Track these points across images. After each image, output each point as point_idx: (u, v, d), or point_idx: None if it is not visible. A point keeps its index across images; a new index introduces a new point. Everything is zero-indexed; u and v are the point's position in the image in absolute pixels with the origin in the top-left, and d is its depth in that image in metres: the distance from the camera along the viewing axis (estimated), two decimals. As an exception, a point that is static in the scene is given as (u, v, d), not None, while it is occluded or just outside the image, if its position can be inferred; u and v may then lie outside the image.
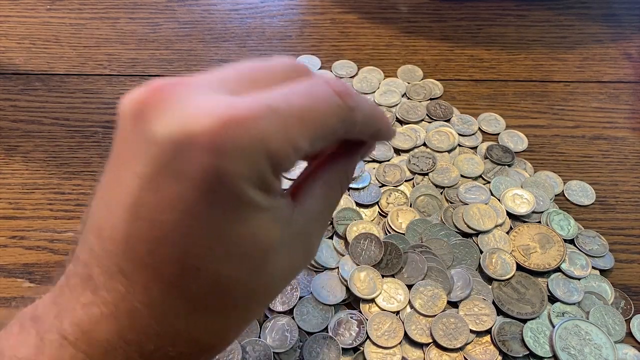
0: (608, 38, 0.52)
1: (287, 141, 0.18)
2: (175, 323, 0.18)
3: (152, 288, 0.18)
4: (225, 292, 0.19)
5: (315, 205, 0.22)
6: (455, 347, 0.31)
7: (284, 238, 0.19)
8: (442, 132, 0.43)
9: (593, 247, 0.36)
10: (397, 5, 0.56)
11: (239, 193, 0.17)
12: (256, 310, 0.21)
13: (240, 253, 0.18)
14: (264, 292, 0.20)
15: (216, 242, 0.18)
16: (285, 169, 0.18)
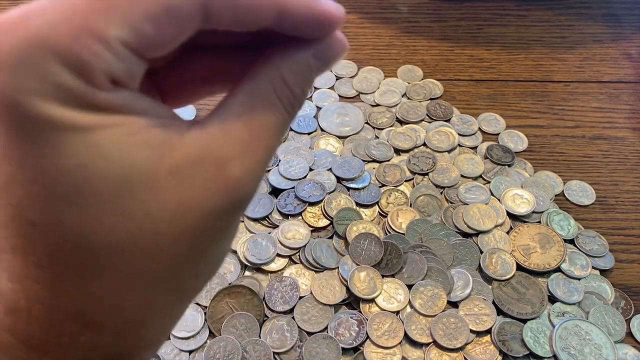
0: (608, 38, 0.52)
1: (80, 31, 0.13)
2: (41, 297, 0.15)
3: (9, 260, 0.15)
4: (81, 246, 0.14)
5: (228, 121, 0.16)
6: (455, 347, 0.31)
7: (162, 165, 0.15)
8: (442, 132, 0.43)
9: (593, 247, 0.36)
10: (397, 5, 0.56)
11: (34, 112, 0.13)
12: (153, 268, 0.15)
13: (75, 192, 0.14)
14: (153, 240, 0.15)
15: (34, 184, 0.14)
16: (107, 72, 0.14)
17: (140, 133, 0.14)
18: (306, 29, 0.17)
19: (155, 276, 0.16)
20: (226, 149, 0.16)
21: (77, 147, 0.14)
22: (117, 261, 0.15)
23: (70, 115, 0.13)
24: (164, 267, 0.16)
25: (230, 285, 0.33)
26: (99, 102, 0.14)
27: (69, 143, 0.13)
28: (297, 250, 0.35)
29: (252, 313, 0.32)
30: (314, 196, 0.38)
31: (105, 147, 0.14)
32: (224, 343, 0.31)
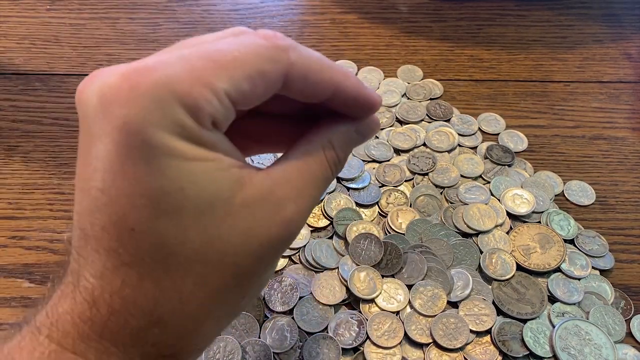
0: (608, 38, 0.52)
1: (197, 82, 0.17)
2: (123, 293, 0.18)
3: (96, 259, 0.18)
4: (166, 253, 0.18)
5: (287, 171, 0.20)
6: (455, 347, 0.31)
7: (236, 198, 0.18)
8: (442, 132, 0.43)
9: (593, 247, 0.36)
10: (397, 5, 0.56)
11: (153, 141, 0.16)
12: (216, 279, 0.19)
13: (172, 208, 0.17)
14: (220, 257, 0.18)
15: (142, 198, 0.17)
16: (212, 116, 0.17)
17: (225, 169, 0.18)
18: (353, 108, 0.22)
19: (215, 288, 0.19)
20: (284, 192, 0.20)
21: (180, 173, 0.17)
22: (190, 268, 0.18)
23: (180, 146, 0.17)
24: (224, 282, 0.19)
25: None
26: (202, 138, 0.17)
27: (175, 169, 0.17)
28: (297, 250, 0.35)
29: (252, 313, 0.32)
30: (313, 196, 0.38)
31: (199, 176, 0.17)
32: (223, 343, 0.31)
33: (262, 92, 0.19)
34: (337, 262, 0.35)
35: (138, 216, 0.17)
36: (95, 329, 0.18)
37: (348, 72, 0.21)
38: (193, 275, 0.18)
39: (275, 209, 0.19)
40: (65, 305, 0.18)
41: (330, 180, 0.22)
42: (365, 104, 0.22)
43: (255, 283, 0.21)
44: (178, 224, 0.17)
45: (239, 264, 0.19)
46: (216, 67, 0.17)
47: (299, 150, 0.21)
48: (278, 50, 0.19)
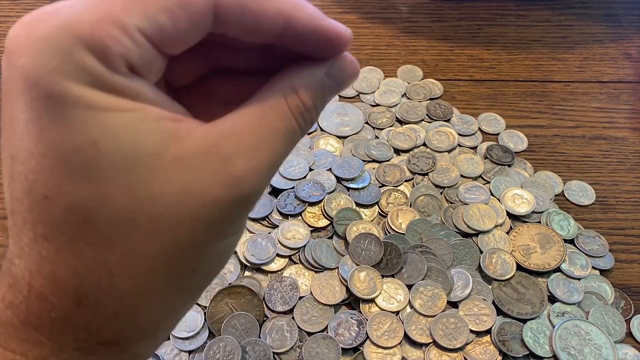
0: (608, 38, 0.52)
1: (102, 19, 0.15)
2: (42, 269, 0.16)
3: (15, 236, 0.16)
4: (83, 219, 0.15)
5: (238, 123, 0.17)
6: (455, 347, 0.31)
7: (168, 153, 0.16)
8: (442, 132, 0.43)
9: (593, 247, 0.36)
10: (397, 5, 0.56)
11: (56, 90, 0.14)
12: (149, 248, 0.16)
13: (85, 167, 0.15)
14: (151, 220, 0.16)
15: (50, 158, 0.15)
16: (125, 58, 0.15)
17: (151, 121, 0.16)
18: (313, 44, 0.18)
19: (150, 259, 0.16)
20: (232, 146, 0.16)
21: (91, 126, 0.15)
22: (115, 236, 0.15)
23: (88, 94, 0.14)
24: (160, 251, 0.16)
25: (230, 286, 0.33)
26: (116, 85, 0.15)
27: (84, 121, 0.15)
28: (297, 250, 0.35)
29: (252, 313, 0.32)
30: (313, 196, 0.38)
31: (117, 128, 0.15)
32: (223, 343, 0.31)
33: (188, 26, 0.16)
34: (337, 262, 0.35)
35: (48, 180, 0.15)
36: (19, 315, 0.16)
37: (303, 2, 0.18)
38: (120, 244, 0.16)
39: (221, 165, 0.16)
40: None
41: (297, 133, 0.18)
42: (328, 38, 0.18)
43: (205, 253, 0.17)
44: (94, 185, 0.15)
45: (176, 229, 0.16)
46: (125, 1, 0.15)
47: (255, 99, 0.18)
48: None
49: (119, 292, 0.16)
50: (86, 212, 0.15)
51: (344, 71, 0.20)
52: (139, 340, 0.18)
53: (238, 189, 0.17)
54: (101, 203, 0.15)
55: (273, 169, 0.18)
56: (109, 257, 0.16)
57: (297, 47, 0.18)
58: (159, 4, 0.15)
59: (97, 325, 0.16)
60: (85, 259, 0.15)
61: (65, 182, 0.15)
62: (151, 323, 0.18)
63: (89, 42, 0.14)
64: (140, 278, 0.16)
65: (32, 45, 0.14)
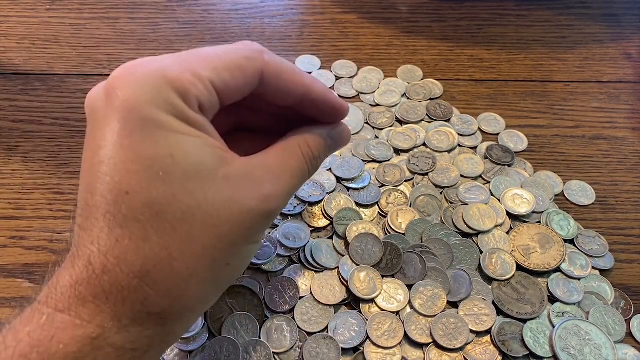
0: (608, 38, 0.52)
1: (185, 70, 0.21)
2: (115, 252, 0.20)
3: (94, 227, 0.20)
4: (156, 212, 0.20)
5: (266, 159, 0.24)
6: (455, 347, 0.31)
7: (219, 171, 0.21)
8: (442, 132, 0.43)
9: (593, 247, 0.36)
10: (397, 5, 0.56)
11: (148, 115, 0.20)
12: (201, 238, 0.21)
13: (162, 172, 0.20)
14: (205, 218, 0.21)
15: (136, 164, 0.20)
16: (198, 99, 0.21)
17: (210, 146, 0.22)
18: (323, 112, 0.26)
19: (202, 248, 0.21)
20: (262, 174, 0.23)
21: (170, 142, 0.20)
22: (177, 226, 0.20)
23: (170, 121, 0.20)
24: (209, 242, 0.21)
25: (230, 285, 0.33)
26: (190, 117, 0.21)
27: (165, 139, 0.20)
28: (297, 250, 0.35)
29: (252, 313, 0.32)
30: (313, 196, 0.38)
31: (187, 147, 0.21)
32: (223, 343, 0.31)
33: (242, 83, 0.23)
34: (337, 262, 0.35)
35: (132, 180, 0.20)
36: (91, 290, 0.20)
37: (315, 78, 0.26)
38: (181, 234, 0.20)
39: (255, 187, 0.22)
40: (65, 275, 0.20)
41: (306, 173, 0.26)
42: (333, 108, 0.26)
43: (238, 253, 0.23)
44: (167, 187, 0.20)
45: (222, 228, 0.21)
46: (202, 60, 0.22)
47: (278, 145, 0.25)
48: (254, 51, 0.23)
49: (174, 272, 0.20)
50: (158, 206, 0.20)
51: (341, 135, 0.28)
52: (179, 319, 0.22)
53: (266, 205, 0.23)
54: (171, 200, 0.20)
55: (289, 196, 0.25)
56: (171, 243, 0.20)
57: (309, 111, 0.26)
58: (226, 65, 0.22)
59: (154, 300, 0.20)
60: (151, 244, 0.20)
61: (145, 182, 0.20)
62: (192, 304, 0.22)
63: (175, 85, 0.20)
64: (192, 262, 0.21)
65: (133, 82, 0.20)
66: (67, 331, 0.19)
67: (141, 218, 0.20)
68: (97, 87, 0.21)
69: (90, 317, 0.20)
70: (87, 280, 0.20)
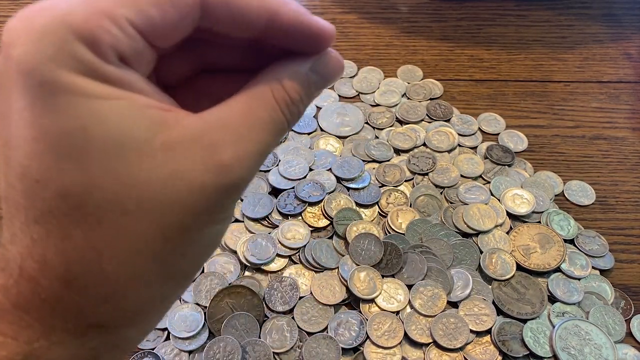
0: (608, 38, 0.52)
1: (94, 11, 0.15)
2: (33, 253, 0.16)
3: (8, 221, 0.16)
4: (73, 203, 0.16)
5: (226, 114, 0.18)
6: (455, 347, 0.31)
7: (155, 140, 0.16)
8: (442, 132, 0.43)
9: (593, 247, 0.36)
10: (397, 5, 0.56)
11: (49, 78, 0.15)
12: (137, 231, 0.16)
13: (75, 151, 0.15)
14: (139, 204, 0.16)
15: (41, 142, 0.15)
16: (116, 48, 0.16)
17: (140, 108, 0.16)
18: (298, 39, 0.19)
19: (139, 243, 0.16)
20: (219, 135, 0.17)
21: (81, 111, 0.15)
22: (104, 219, 0.16)
23: (79, 82, 0.15)
24: (149, 235, 0.16)
25: (230, 285, 0.33)
26: (106, 74, 0.16)
27: (74, 107, 0.15)
28: (297, 250, 0.35)
29: (252, 313, 0.32)
30: (313, 196, 0.38)
31: (105, 114, 0.15)
32: (224, 343, 0.31)
33: (176, 19, 0.17)
34: (337, 262, 0.35)
35: (40, 164, 0.15)
36: (10, 298, 0.16)
37: None
38: (109, 228, 0.16)
39: (208, 153, 0.17)
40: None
41: (283, 124, 0.19)
42: (312, 33, 0.19)
43: (194, 240, 0.18)
44: (84, 169, 0.15)
45: (165, 214, 0.16)
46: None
47: (243, 92, 0.18)
48: None
49: (108, 275, 0.16)
50: (75, 196, 0.15)
51: (329, 66, 0.20)
52: (129, 325, 0.18)
53: (225, 177, 0.17)
54: (90, 187, 0.16)
55: (260, 159, 0.18)
56: (98, 240, 0.16)
57: (283, 42, 0.19)
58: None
59: (87, 308, 0.17)
60: (75, 242, 0.16)
61: (55, 166, 0.15)
62: (141, 308, 0.18)
63: (82, 33, 0.15)
64: (128, 262, 0.16)
65: (28, 36, 0.15)
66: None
67: (57, 211, 0.16)
68: None
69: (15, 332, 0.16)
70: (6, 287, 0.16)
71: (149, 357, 0.31)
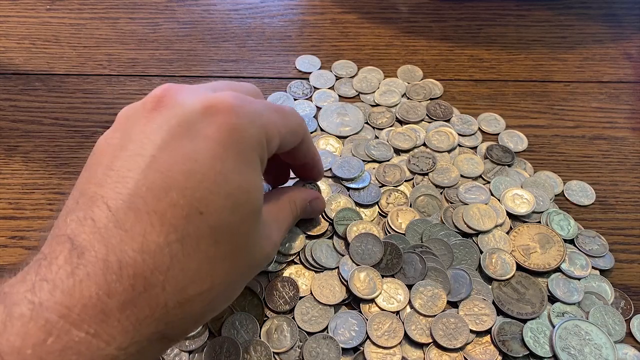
0: (608, 38, 0.52)
1: (274, 123, 0.25)
2: (166, 267, 0.19)
3: (150, 233, 0.19)
4: (218, 238, 0.21)
5: (270, 210, 0.28)
6: (455, 347, 0.31)
7: (261, 215, 0.25)
8: (442, 132, 0.43)
9: (593, 247, 0.36)
10: (397, 5, 0.56)
11: (248, 149, 0.23)
12: (239, 271, 0.23)
13: (237, 203, 0.22)
14: (248, 252, 0.23)
15: (222, 190, 0.21)
16: (270, 149, 0.25)
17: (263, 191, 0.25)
18: (306, 172, 0.34)
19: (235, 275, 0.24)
20: (272, 224, 0.28)
21: (250, 180, 0.23)
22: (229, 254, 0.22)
23: (256, 160, 0.24)
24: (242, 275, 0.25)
25: (230, 286, 0.33)
26: (264, 162, 0.25)
27: (250, 174, 0.23)
28: (293, 255, 0.35)
29: (252, 313, 0.32)
30: (314, 196, 0.38)
31: (258, 187, 0.24)
32: (223, 343, 0.31)
33: (293, 144, 0.28)
34: (337, 262, 0.35)
35: (212, 203, 0.21)
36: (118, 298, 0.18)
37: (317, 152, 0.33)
38: (227, 262, 0.22)
39: (270, 233, 0.27)
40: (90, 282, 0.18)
41: (290, 223, 0.31)
42: (317, 171, 0.34)
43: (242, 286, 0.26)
44: (235, 215, 0.22)
45: (251, 262, 0.25)
46: (283, 118, 0.26)
47: (273, 199, 0.30)
48: (302, 120, 0.29)
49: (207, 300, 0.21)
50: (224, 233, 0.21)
51: (319, 206, 0.35)
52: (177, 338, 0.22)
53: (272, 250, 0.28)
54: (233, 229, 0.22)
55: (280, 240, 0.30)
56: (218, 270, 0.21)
57: (299, 169, 0.34)
58: (289, 128, 0.27)
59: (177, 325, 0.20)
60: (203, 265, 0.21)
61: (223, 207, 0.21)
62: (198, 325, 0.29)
63: (268, 132, 0.24)
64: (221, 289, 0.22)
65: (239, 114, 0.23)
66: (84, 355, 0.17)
67: (204, 240, 0.20)
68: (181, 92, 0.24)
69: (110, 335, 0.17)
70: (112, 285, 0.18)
71: (149, 357, 0.31)
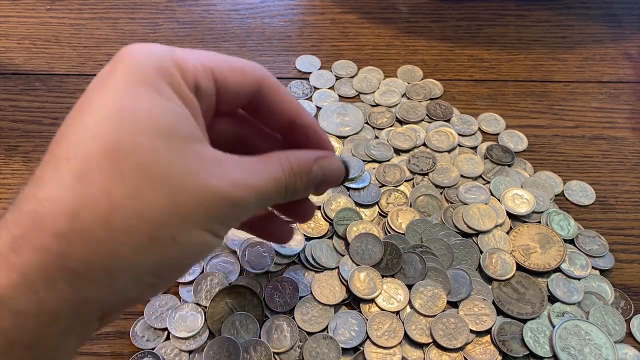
0: (608, 38, 0.52)
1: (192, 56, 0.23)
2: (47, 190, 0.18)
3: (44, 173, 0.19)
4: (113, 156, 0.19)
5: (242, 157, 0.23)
6: (455, 347, 0.31)
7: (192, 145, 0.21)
8: (442, 132, 0.43)
9: (593, 247, 0.36)
10: (397, 5, 0.56)
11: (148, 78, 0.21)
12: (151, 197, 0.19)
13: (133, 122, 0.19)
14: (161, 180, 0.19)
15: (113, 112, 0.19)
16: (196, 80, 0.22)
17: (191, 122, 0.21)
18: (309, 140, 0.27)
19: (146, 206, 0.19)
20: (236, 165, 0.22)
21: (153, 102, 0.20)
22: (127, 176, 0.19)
23: (164, 88, 0.21)
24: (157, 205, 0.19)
25: (230, 285, 0.33)
26: (182, 93, 0.21)
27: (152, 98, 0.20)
28: (292, 257, 0.35)
29: (252, 313, 0.32)
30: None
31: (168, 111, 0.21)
32: (223, 343, 0.31)
33: (241, 84, 0.24)
34: (337, 262, 0.35)
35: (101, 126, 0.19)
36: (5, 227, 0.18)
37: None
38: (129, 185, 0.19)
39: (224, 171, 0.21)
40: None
41: (282, 183, 0.24)
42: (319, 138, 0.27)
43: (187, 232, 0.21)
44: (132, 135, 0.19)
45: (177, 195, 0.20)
46: (210, 55, 0.23)
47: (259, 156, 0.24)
48: (256, 65, 0.24)
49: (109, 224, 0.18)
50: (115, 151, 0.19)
51: (332, 167, 0.27)
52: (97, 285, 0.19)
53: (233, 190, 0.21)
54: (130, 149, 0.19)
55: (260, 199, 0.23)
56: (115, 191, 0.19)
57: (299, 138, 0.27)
58: (229, 65, 0.23)
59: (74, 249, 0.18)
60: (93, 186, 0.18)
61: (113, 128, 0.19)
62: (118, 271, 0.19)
63: (179, 62, 0.22)
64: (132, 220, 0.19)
65: (143, 52, 0.21)
66: None
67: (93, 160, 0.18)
68: None
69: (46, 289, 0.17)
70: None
71: (149, 357, 0.31)
